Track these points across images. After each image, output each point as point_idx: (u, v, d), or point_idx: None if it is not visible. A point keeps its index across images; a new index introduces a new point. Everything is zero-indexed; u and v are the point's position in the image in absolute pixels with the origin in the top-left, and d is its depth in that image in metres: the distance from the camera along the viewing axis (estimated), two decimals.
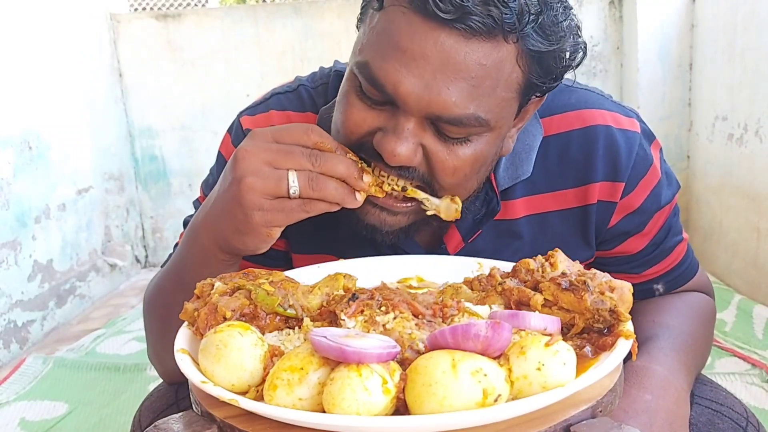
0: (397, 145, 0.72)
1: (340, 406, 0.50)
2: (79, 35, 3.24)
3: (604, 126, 0.88)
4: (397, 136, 0.72)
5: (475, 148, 0.75)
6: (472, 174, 0.78)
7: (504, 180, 0.88)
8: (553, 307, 0.64)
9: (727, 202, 2.77)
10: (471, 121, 0.72)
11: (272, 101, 0.95)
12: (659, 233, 0.93)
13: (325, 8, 3.46)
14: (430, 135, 0.74)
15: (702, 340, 0.90)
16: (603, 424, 0.53)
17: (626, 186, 0.88)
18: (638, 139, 0.89)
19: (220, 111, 3.50)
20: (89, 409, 2.05)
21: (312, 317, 0.66)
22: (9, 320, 2.59)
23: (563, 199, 0.89)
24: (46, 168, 2.90)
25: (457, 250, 0.91)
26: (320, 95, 0.95)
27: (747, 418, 0.85)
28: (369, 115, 0.75)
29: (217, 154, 0.98)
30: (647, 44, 3.09)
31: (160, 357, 0.90)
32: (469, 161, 0.75)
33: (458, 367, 0.50)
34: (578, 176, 0.89)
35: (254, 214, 0.72)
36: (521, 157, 0.88)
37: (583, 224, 0.90)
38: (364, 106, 0.75)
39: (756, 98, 2.51)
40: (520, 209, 0.90)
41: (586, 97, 0.91)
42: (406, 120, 0.72)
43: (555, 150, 0.89)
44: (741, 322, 2.34)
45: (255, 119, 0.94)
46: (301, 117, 0.94)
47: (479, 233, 0.90)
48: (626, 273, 0.95)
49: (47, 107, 2.93)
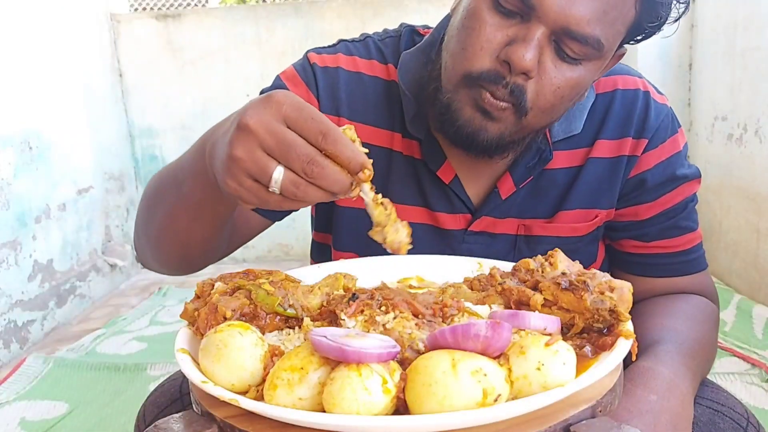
0: (527, 50, 0.77)
1: (340, 405, 0.50)
2: (79, 35, 3.25)
3: (644, 92, 0.97)
4: (528, 43, 0.78)
5: (581, 72, 0.82)
6: (568, 99, 0.84)
7: (558, 133, 0.95)
8: (553, 307, 0.64)
9: (727, 202, 2.77)
10: (593, 43, 0.79)
11: (340, 46, 1.01)
12: (675, 207, 0.97)
13: (325, 8, 3.46)
14: (550, 50, 0.80)
15: (708, 346, 0.91)
16: (603, 424, 0.53)
17: (648, 143, 0.95)
18: (667, 110, 0.98)
19: (220, 111, 3.47)
20: (89, 409, 2.05)
21: (312, 317, 0.66)
22: (9, 320, 2.59)
23: (600, 149, 0.96)
24: (47, 168, 2.90)
25: (508, 195, 0.96)
26: (388, 46, 1.00)
27: (747, 418, 0.85)
28: (500, 28, 0.80)
29: (275, 78, 0.99)
30: (647, 44, 3.07)
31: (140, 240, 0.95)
32: (571, 84, 0.82)
33: (458, 367, 0.50)
34: (617, 130, 0.96)
35: (230, 183, 0.67)
36: (575, 114, 0.95)
37: (614, 174, 0.96)
38: (496, 20, 0.80)
39: (756, 98, 2.51)
40: (564, 161, 0.97)
41: (628, 68, 1.01)
42: (537, 29, 0.78)
43: (600, 107, 0.96)
44: (741, 322, 2.34)
45: (322, 57, 0.99)
46: (366, 63, 0.99)
47: (530, 179, 0.96)
48: (636, 239, 0.99)
49: (47, 107, 2.93)
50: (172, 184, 0.85)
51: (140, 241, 0.95)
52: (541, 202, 0.97)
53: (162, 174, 0.91)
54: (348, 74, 0.98)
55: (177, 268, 0.95)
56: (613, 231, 1.01)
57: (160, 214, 0.88)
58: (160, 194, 0.88)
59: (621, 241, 1.01)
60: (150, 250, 0.93)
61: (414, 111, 0.94)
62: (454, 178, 0.96)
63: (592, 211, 0.97)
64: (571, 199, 0.96)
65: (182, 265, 0.93)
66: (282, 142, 0.64)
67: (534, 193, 0.97)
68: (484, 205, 0.97)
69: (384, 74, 0.99)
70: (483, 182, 0.98)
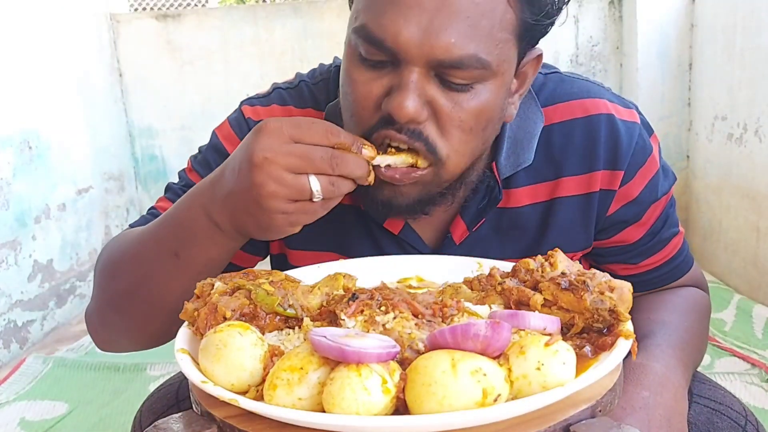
0: (404, 98, 0.73)
1: (339, 405, 0.50)
2: (79, 35, 3.24)
3: (607, 115, 0.89)
4: (403, 89, 0.73)
5: (480, 97, 0.76)
6: (478, 130, 0.78)
7: (505, 168, 0.89)
8: (553, 307, 0.64)
9: (727, 201, 2.77)
10: (473, 62, 0.72)
11: (274, 95, 0.97)
12: (656, 223, 0.94)
13: (324, 8, 3.47)
14: (435, 86, 0.74)
15: (698, 335, 0.90)
16: (602, 424, 0.53)
17: (625, 174, 0.89)
18: (638, 129, 0.90)
19: (220, 111, 3.46)
20: (89, 409, 2.05)
21: (312, 317, 0.66)
22: (9, 320, 2.59)
23: (567, 187, 0.90)
24: (46, 168, 2.90)
25: (463, 239, 0.92)
26: (321, 91, 0.96)
27: (746, 416, 0.85)
28: (373, 81, 0.76)
29: (212, 134, 0.96)
30: (647, 44, 3.09)
31: (107, 319, 0.88)
32: (474, 112, 0.76)
33: (458, 367, 0.50)
34: (582, 164, 0.90)
35: (277, 217, 0.72)
36: (522, 144, 0.89)
37: (586, 212, 0.91)
38: (367, 75, 0.76)
39: (756, 98, 2.51)
40: (523, 198, 0.91)
41: (588, 87, 0.92)
42: (409, 72, 0.73)
43: (558, 138, 0.90)
44: (740, 322, 2.34)
45: (256, 110, 0.95)
46: (301, 112, 0.94)
47: (483, 222, 0.91)
48: (624, 263, 0.96)
49: (47, 107, 2.93)
50: (167, 261, 0.80)
51: (104, 320, 0.89)
52: (508, 243, 0.92)
53: (137, 252, 0.85)
54: None
55: (146, 341, 0.90)
56: (600, 256, 0.98)
57: (132, 279, 0.84)
58: (128, 259, 0.85)
59: (610, 266, 0.97)
60: (116, 327, 0.89)
61: None
62: (404, 228, 0.92)
63: (567, 255, 0.95)
64: (545, 243, 0.91)
65: (154, 335, 0.88)
66: (303, 157, 0.71)
67: (496, 233, 0.93)
68: (440, 251, 0.92)
69: None
70: (436, 226, 0.94)
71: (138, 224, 0.94)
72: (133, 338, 0.90)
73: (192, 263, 0.80)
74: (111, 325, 0.90)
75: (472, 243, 0.92)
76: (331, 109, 0.91)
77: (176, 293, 0.78)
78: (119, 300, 0.86)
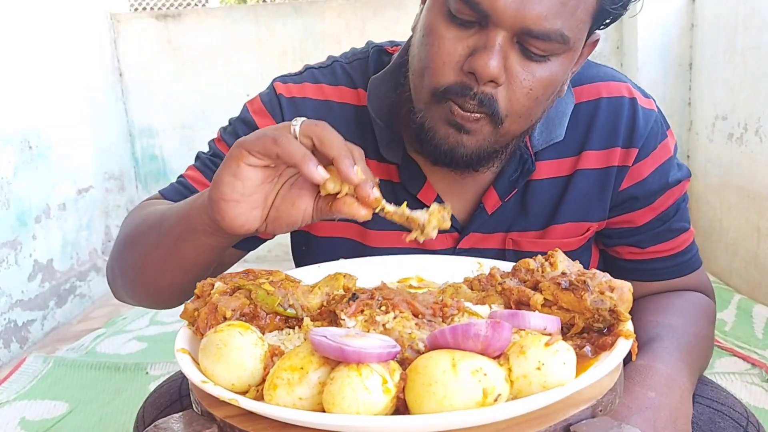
0: (489, 58, 0.76)
1: (340, 405, 0.50)
2: (79, 35, 3.25)
3: (630, 98, 0.95)
4: (489, 50, 0.76)
5: (551, 69, 0.80)
6: (543, 99, 0.83)
7: (538, 142, 0.93)
8: (553, 307, 0.64)
9: (728, 201, 2.77)
10: (556, 37, 0.77)
11: (306, 74, 0.99)
12: (668, 211, 0.97)
13: (325, 8, 3.46)
14: (515, 53, 0.78)
15: (705, 341, 0.91)
16: (603, 424, 0.53)
17: (639, 153, 0.94)
18: (654, 116, 0.95)
19: (220, 110, 3.50)
20: (89, 409, 2.05)
21: (312, 317, 0.66)
22: (9, 320, 2.59)
23: (588, 160, 0.95)
24: (47, 167, 2.90)
25: (495, 209, 0.95)
26: (356, 70, 0.99)
27: (747, 417, 0.85)
28: (460, 40, 0.79)
29: (243, 108, 0.99)
30: (647, 44, 3.09)
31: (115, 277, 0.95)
32: (544, 83, 0.80)
33: (458, 367, 0.50)
34: (604, 140, 0.94)
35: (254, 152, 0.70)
36: (554, 121, 0.93)
37: (603, 186, 0.95)
38: (454, 33, 0.79)
39: (756, 98, 2.51)
40: (549, 170, 0.96)
41: (613, 73, 0.98)
42: (497, 35, 0.77)
43: (585, 116, 0.95)
44: (741, 322, 2.34)
45: (288, 87, 0.98)
46: (333, 90, 0.97)
47: (515, 192, 0.95)
48: (632, 246, 0.99)
49: (48, 107, 2.93)
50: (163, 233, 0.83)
51: (115, 278, 0.95)
52: (530, 214, 0.96)
53: (146, 217, 0.89)
54: (315, 103, 0.97)
55: (151, 306, 0.97)
56: (608, 238, 1.00)
57: (139, 255, 0.88)
58: (142, 236, 0.88)
59: (617, 248, 1.00)
60: (125, 288, 0.94)
61: (388, 137, 0.93)
62: (436, 199, 0.94)
63: (583, 225, 0.97)
64: (562, 213, 0.95)
65: (157, 304, 0.95)
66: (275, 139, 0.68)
67: (521, 205, 0.96)
68: (471, 221, 0.96)
69: (354, 100, 0.97)
70: (467, 199, 0.97)
71: (166, 192, 0.99)
72: (134, 300, 0.96)
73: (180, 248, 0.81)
74: (117, 285, 0.96)
75: (502, 214, 0.96)
76: (374, 82, 0.94)
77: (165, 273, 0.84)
78: (123, 268, 0.91)
